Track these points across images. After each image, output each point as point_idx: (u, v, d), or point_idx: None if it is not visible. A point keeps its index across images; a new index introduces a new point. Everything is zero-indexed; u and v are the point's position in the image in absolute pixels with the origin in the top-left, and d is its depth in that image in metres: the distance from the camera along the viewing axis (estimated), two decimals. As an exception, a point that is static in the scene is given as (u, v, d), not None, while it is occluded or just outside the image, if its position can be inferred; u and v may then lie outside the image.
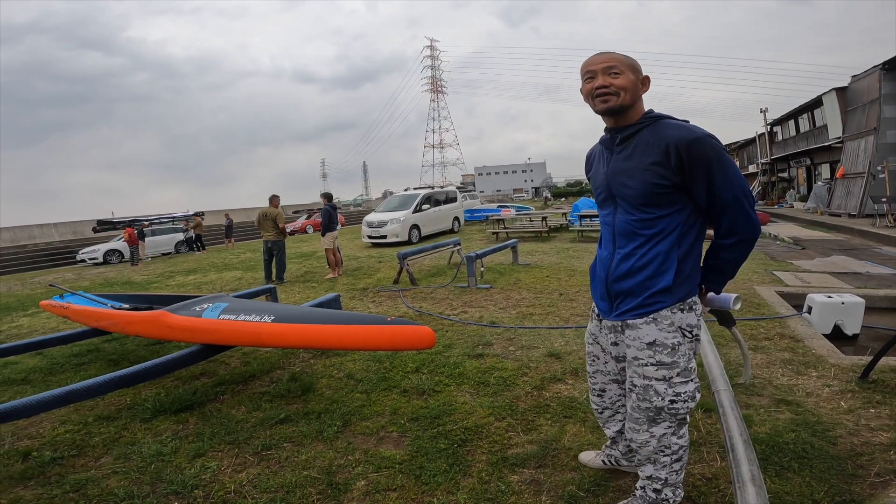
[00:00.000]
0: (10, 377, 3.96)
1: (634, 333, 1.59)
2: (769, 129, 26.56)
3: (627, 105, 1.54)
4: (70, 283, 10.96)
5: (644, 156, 1.51)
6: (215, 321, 2.94)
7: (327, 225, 8.51)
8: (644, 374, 1.59)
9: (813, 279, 6.15)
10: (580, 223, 12.40)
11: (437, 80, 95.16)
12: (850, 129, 17.27)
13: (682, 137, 1.43)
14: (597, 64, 1.56)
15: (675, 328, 1.55)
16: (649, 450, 1.65)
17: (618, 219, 1.63)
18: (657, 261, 1.53)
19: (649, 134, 1.52)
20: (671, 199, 1.51)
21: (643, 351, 1.57)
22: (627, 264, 1.59)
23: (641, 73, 1.57)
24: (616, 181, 1.60)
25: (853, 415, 2.46)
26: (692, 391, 1.58)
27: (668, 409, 1.57)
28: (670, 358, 1.55)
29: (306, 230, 25.69)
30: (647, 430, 1.63)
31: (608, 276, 1.66)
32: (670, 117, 1.55)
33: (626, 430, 1.72)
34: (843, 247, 9.53)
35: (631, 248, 1.58)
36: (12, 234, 24.49)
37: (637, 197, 1.54)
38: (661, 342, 1.54)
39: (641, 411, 1.62)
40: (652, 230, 1.54)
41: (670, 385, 1.56)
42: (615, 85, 1.52)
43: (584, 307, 5.00)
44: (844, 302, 3.97)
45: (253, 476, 2.24)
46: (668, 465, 1.65)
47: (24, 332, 6.00)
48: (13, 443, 2.76)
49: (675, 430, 1.62)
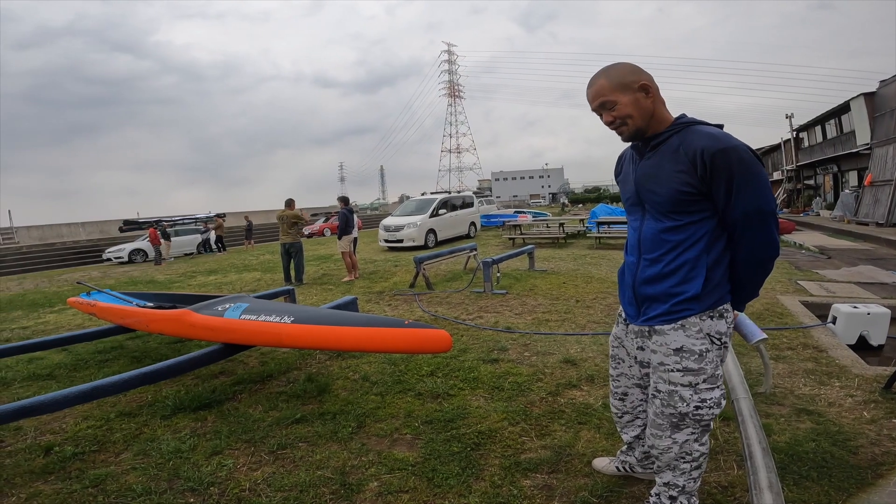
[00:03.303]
0: (35, 372, 4.08)
1: (661, 339, 1.57)
2: (795, 136, 26.01)
3: (642, 126, 1.51)
4: (96, 281, 11.25)
5: (671, 163, 1.48)
6: (237, 321, 2.99)
7: (344, 228, 8.59)
8: (670, 379, 1.56)
9: (838, 289, 6.00)
10: (598, 230, 12.29)
11: (454, 85, 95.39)
12: (879, 135, 16.83)
13: (709, 147, 1.39)
14: (591, 103, 1.55)
15: (703, 335, 1.51)
16: (670, 456, 1.63)
17: (645, 224, 1.61)
18: (685, 268, 1.51)
19: (678, 140, 1.48)
20: (699, 206, 1.47)
21: (670, 357, 1.55)
22: (654, 270, 1.56)
23: (637, 83, 1.49)
24: (644, 187, 1.57)
25: (876, 425, 2.41)
26: (718, 398, 1.55)
27: (692, 416, 1.55)
28: (697, 364, 1.52)
29: (323, 233, 25.95)
30: (670, 436, 1.61)
31: (635, 281, 1.64)
32: (702, 123, 1.51)
33: (648, 437, 1.70)
34: (870, 256, 9.27)
35: (658, 254, 1.56)
36: (41, 232, 25.27)
37: (664, 204, 1.51)
38: (689, 348, 1.52)
39: (665, 417, 1.60)
40: (679, 237, 1.51)
41: (696, 391, 1.53)
42: (618, 117, 1.50)
43: (600, 314, 4.96)
44: (870, 312, 3.87)
45: (268, 474, 2.27)
46: (687, 472, 1.63)
47: (50, 329, 6.17)
48: (35, 437, 2.83)
49: (697, 437, 1.60)
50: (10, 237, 24.58)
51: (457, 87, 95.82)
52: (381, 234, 14.18)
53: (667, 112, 1.55)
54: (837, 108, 20.42)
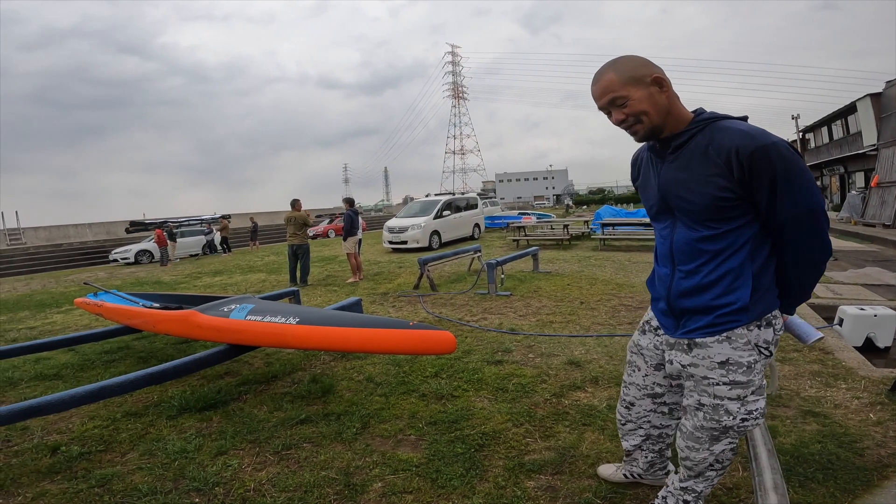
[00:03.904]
0: (42, 372, 4.11)
1: (704, 352, 1.43)
2: (801, 136, 25.92)
3: (659, 124, 1.36)
4: (103, 282, 11.32)
5: (702, 166, 1.33)
6: (242, 322, 3.01)
7: (349, 230, 8.61)
8: (715, 393, 1.43)
9: (845, 291, 5.97)
10: (602, 231, 12.26)
11: (458, 86, 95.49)
12: (885, 136, 16.74)
13: (745, 146, 1.25)
14: (599, 100, 1.40)
15: (751, 346, 1.39)
16: (704, 466, 1.55)
17: (677, 234, 1.45)
18: (728, 278, 1.36)
19: (705, 139, 1.33)
20: (739, 211, 1.33)
21: (714, 371, 1.42)
22: (691, 282, 1.42)
23: (649, 77, 1.34)
24: (672, 193, 1.42)
25: (882, 427, 2.39)
26: (763, 408, 1.45)
27: (737, 428, 1.45)
28: (746, 377, 1.39)
29: (328, 234, 26.01)
30: (708, 448, 1.51)
31: (670, 294, 1.50)
32: (726, 117, 1.36)
33: (682, 449, 1.59)
34: (877, 258, 9.20)
35: (695, 265, 1.41)
36: (48, 233, 25.47)
37: (699, 212, 1.36)
38: (736, 361, 1.39)
39: (706, 430, 1.49)
40: (718, 245, 1.36)
41: (744, 404, 1.42)
42: (631, 114, 1.35)
43: (605, 316, 4.95)
44: (877, 314, 3.86)
45: (272, 475, 2.28)
46: (712, 478, 1.58)
47: (57, 329, 6.22)
48: (42, 437, 2.85)
49: (734, 447, 1.52)
50: (18, 238, 24.77)
51: (461, 89, 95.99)
52: (386, 236, 14.19)
53: (683, 108, 1.40)
54: (844, 108, 20.34)
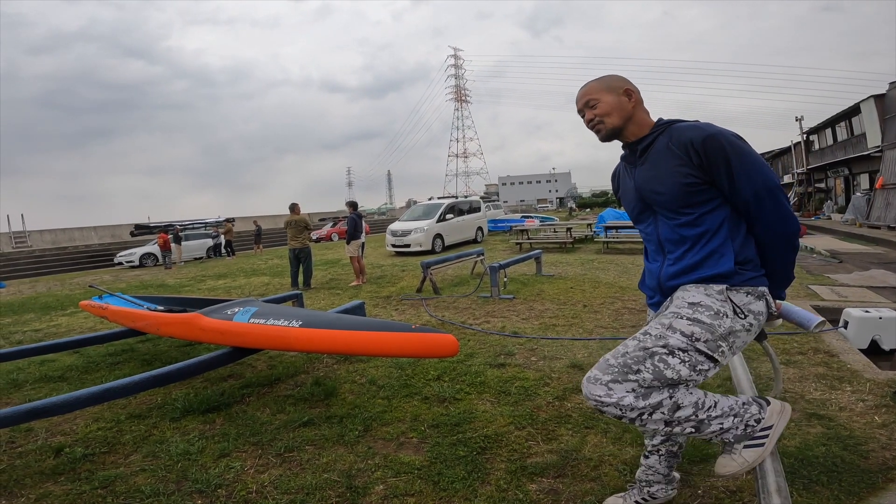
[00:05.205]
0: (47, 374, 4.13)
1: (681, 294, 1.49)
2: (805, 138, 25.80)
3: (618, 126, 1.56)
4: (108, 285, 11.37)
5: (667, 161, 1.48)
6: (246, 325, 3.02)
7: (352, 233, 8.63)
8: (671, 324, 1.43)
9: (850, 293, 5.94)
10: (605, 234, 12.25)
11: (460, 89, 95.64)
12: (890, 137, 16.66)
13: (696, 136, 1.41)
14: (579, 101, 1.62)
15: (726, 300, 1.43)
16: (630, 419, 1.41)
17: (660, 227, 1.58)
18: (713, 257, 1.46)
19: (665, 139, 1.50)
20: (708, 195, 1.46)
21: (683, 308, 1.45)
22: (679, 265, 1.52)
23: (622, 88, 1.56)
24: (647, 189, 1.56)
25: (887, 429, 2.38)
26: (702, 375, 1.40)
27: (654, 364, 1.38)
28: (710, 320, 1.40)
29: (331, 238, 26.05)
30: (606, 384, 1.40)
31: (660, 282, 1.58)
32: (680, 120, 1.54)
33: (585, 381, 1.47)
34: (882, 260, 9.16)
35: (681, 251, 1.52)
36: (54, 236, 25.64)
37: (672, 200, 1.49)
38: (707, 304, 1.42)
39: (621, 357, 1.43)
40: (698, 230, 1.48)
41: (691, 342, 1.39)
42: (598, 114, 1.56)
43: (608, 319, 4.94)
44: (882, 317, 3.84)
45: (275, 477, 2.28)
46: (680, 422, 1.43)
47: (62, 331, 6.25)
48: (46, 438, 2.86)
49: (639, 395, 1.39)
50: (24, 241, 24.94)
51: (463, 92, 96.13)
52: (389, 239, 14.23)
53: (648, 118, 1.60)
54: (848, 110, 20.24)
